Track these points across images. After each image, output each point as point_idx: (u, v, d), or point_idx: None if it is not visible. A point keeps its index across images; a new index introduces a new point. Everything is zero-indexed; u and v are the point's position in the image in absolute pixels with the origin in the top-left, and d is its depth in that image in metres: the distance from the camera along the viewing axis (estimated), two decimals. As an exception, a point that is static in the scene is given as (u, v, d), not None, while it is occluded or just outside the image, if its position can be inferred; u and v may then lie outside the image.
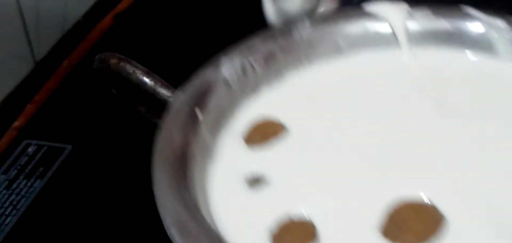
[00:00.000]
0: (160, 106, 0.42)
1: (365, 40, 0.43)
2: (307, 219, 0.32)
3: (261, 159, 0.36)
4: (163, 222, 0.29)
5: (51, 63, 0.69)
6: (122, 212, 0.51)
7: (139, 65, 0.41)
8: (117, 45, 0.49)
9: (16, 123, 0.60)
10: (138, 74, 0.41)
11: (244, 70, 0.40)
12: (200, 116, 0.36)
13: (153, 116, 0.44)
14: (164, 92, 0.41)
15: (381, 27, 0.43)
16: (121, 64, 0.41)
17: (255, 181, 0.35)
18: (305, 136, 0.37)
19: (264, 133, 0.38)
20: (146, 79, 0.41)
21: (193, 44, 0.60)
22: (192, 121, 0.36)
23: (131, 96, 0.44)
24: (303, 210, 0.33)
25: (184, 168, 0.33)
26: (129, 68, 0.41)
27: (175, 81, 0.55)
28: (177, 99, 0.37)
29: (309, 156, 0.36)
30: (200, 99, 0.37)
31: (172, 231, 0.29)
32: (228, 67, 0.39)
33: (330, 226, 0.32)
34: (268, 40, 0.42)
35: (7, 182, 0.53)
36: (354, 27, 0.43)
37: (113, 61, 0.42)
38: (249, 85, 0.40)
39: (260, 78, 0.41)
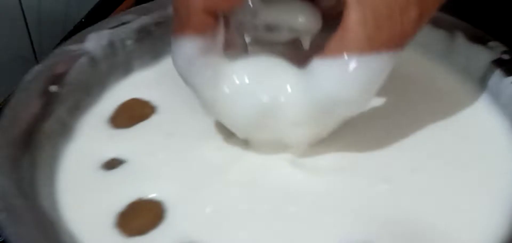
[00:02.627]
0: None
1: None
2: (158, 200, 0.31)
3: (122, 142, 0.34)
4: None
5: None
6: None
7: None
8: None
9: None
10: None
11: (113, 47, 0.36)
12: (55, 92, 0.34)
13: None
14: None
15: None
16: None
17: (111, 164, 0.32)
18: (172, 118, 0.35)
19: (131, 114, 0.35)
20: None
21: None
22: (46, 98, 0.33)
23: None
24: (155, 192, 0.31)
25: (28, 148, 0.31)
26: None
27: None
28: (30, 73, 0.34)
29: (171, 139, 0.34)
30: (58, 75, 0.34)
31: None
32: (94, 42, 0.36)
33: (178, 208, 0.30)
34: (142, 15, 0.38)
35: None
36: None
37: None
38: (119, 63, 0.37)
39: (132, 56, 0.37)
